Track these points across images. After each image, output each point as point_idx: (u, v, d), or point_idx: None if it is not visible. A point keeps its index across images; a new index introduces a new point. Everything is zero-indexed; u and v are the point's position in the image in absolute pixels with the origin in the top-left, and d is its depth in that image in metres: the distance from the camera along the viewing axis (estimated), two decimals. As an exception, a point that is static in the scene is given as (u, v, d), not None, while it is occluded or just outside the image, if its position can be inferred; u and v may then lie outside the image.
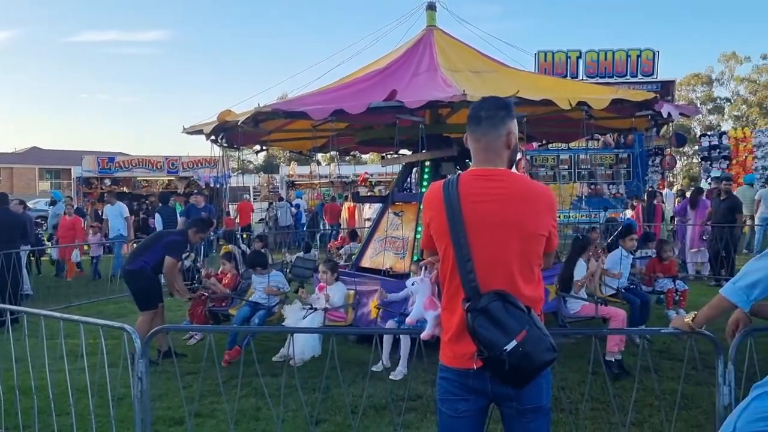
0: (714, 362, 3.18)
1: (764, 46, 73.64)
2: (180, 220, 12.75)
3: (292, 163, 26.41)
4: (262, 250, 8.51)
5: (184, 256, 10.96)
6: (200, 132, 7.09)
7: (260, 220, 20.66)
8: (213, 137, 7.43)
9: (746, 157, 19.32)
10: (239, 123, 6.21)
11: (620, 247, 7.30)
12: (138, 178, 21.43)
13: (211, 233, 12.16)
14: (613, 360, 5.78)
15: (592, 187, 18.31)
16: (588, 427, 4.68)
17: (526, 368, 2.26)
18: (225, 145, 8.25)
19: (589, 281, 6.58)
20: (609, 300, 7.07)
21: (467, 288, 2.36)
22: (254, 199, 24.69)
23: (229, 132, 7.22)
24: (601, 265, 6.93)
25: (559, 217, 15.20)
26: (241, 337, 6.46)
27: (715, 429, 2.86)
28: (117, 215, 13.43)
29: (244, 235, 14.16)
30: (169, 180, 21.49)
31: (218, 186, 18.76)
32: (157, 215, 13.38)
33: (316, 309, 6.43)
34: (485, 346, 2.25)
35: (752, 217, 13.04)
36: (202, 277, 7.84)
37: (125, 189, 20.58)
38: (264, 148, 9.68)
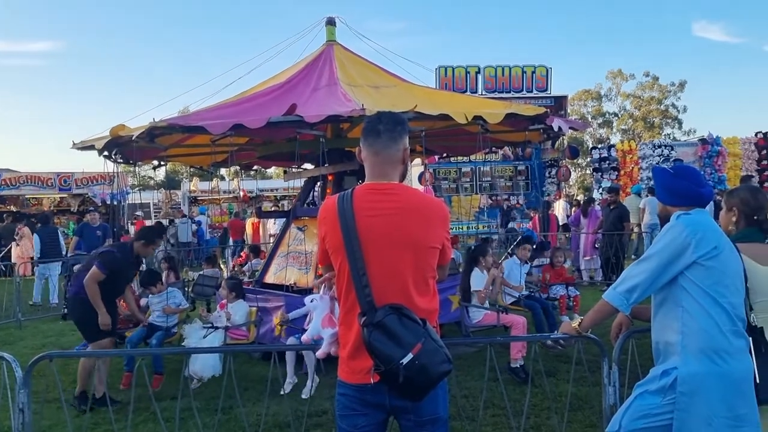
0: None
1: (647, 64, 78.69)
2: (73, 239, 12.13)
3: (195, 178, 25.73)
4: (167, 271, 8.22)
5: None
6: (92, 147, 6.79)
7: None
8: (106, 153, 7.13)
9: (633, 168, 20.48)
10: (133, 138, 6.00)
11: (514, 256, 7.58)
12: (27, 196, 20.25)
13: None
14: (518, 366, 5.96)
15: (493, 198, 18.92)
16: (490, 433, 4.79)
17: (423, 381, 2.28)
18: (120, 160, 7.94)
19: (490, 289, 6.75)
20: (510, 308, 7.32)
21: (363, 302, 2.37)
22: (155, 215, 23.86)
23: (123, 147, 6.96)
24: (499, 273, 7.14)
25: (462, 228, 15.59)
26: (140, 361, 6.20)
27: (604, 428, 3.00)
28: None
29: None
30: (61, 197, 20.44)
31: (115, 203, 18.00)
32: (35, 237, 12.11)
33: (217, 327, 6.27)
34: (381, 360, 2.26)
35: (639, 225, 13.83)
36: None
37: (12, 208, 19.40)
38: (162, 163, 9.39)
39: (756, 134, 21.27)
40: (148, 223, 20.04)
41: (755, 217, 3.09)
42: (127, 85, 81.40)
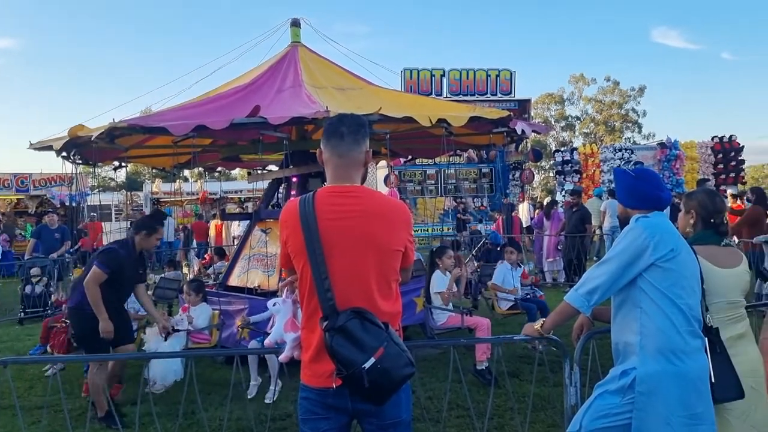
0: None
1: (608, 69, 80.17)
2: (30, 242, 11.82)
3: (157, 179, 25.33)
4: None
5: (35, 280, 10.22)
6: (49, 148, 6.63)
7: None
8: (64, 153, 6.97)
9: (595, 171, 20.84)
10: (93, 138, 5.87)
11: (504, 262, 7.70)
12: (-18, 198, 19.72)
13: (66, 255, 11.40)
14: (484, 368, 5.99)
15: (458, 200, 19.03)
16: (453, 434, 4.81)
17: (386, 384, 2.27)
18: (79, 161, 7.77)
19: (455, 290, 6.79)
20: (507, 313, 7.41)
21: (325, 306, 2.35)
22: (115, 218, 23.41)
23: (82, 148, 6.80)
24: (464, 272, 7.19)
25: (428, 230, 15.65)
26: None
27: (565, 428, 3.03)
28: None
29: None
30: (18, 199, 19.92)
31: (74, 205, 17.60)
32: None
33: (178, 331, 6.17)
34: (344, 364, 2.25)
35: (600, 227, 14.06)
36: (54, 303, 7.30)
37: (-33, 209, 18.88)
38: (123, 164, 9.22)
39: (712, 138, 21.83)
40: (107, 225, 19.72)
41: (712, 220, 3.16)
42: (88, 85, 79.84)
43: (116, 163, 8.99)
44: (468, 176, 19.96)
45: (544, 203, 16.69)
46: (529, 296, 7.72)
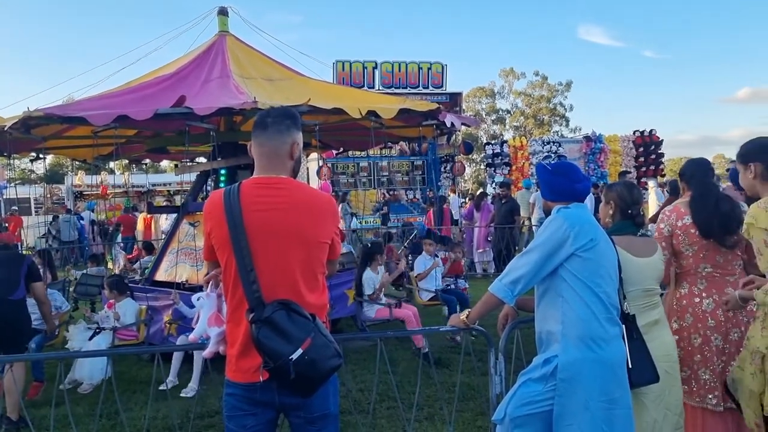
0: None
1: (537, 64, 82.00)
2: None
3: (80, 172, 24.36)
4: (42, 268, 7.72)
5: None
6: (-42, 138, 6.28)
7: (43, 235, 18.77)
8: (-25, 144, 6.61)
9: (524, 163, 21.29)
10: (6, 128, 5.60)
11: (424, 253, 7.76)
12: None
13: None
14: (427, 351, 6.02)
15: (391, 193, 19.10)
16: (384, 425, 4.83)
17: (313, 376, 2.26)
18: (-8, 152, 7.40)
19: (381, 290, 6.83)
20: (428, 303, 7.47)
21: (251, 298, 2.32)
22: (35, 211, 22.41)
23: (-5, 138, 6.47)
24: (402, 267, 7.26)
25: (360, 222, 15.65)
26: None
27: (492, 416, 3.08)
28: None
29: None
30: (-72, 192, 18.79)
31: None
32: None
33: (104, 328, 5.97)
34: (270, 356, 2.23)
35: (530, 218, 14.39)
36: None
37: None
38: (41, 156, 8.81)
39: (634, 132, 22.64)
40: (26, 219, 18.84)
41: (629, 211, 3.28)
42: (1, 71, 76.03)
43: (33, 155, 8.60)
44: (401, 168, 20.05)
45: (475, 195, 16.95)
46: (450, 287, 7.83)
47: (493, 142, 24.65)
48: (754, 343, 2.97)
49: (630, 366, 2.84)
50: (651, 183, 18.43)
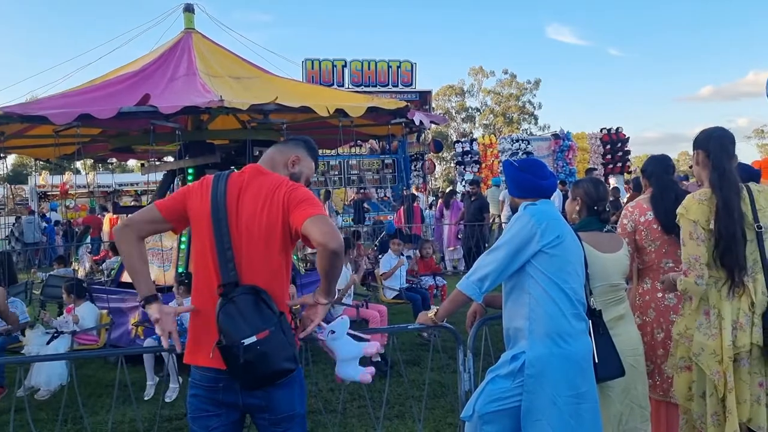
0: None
1: (506, 63, 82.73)
2: None
3: (44, 172, 23.86)
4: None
5: None
6: None
7: (6, 237, 18.35)
8: (-68, 143, 6.44)
9: (493, 161, 21.44)
10: (-36, 128, 5.46)
11: (390, 251, 7.76)
12: None
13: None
14: (378, 359, 6.02)
15: (362, 191, 19.09)
16: (355, 425, 4.82)
17: (261, 369, 2.25)
18: (-50, 152, 7.20)
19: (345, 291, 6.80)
20: (392, 302, 7.47)
21: (225, 276, 2.34)
22: (-2, 213, 21.90)
23: (-48, 137, 6.31)
24: (362, 264, 7.24)
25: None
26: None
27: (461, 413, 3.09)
28: None
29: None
30: None
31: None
32: None
33: (61, 333, 5.84)
34: (225, 334, 2.25)
35: (499, 216, 14.48)
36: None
37: None
38: (2, 155, 8.60)
39: (601, 130, 22.98)
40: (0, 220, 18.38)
41: (595, 208, 3.32)
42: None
43: (-7, 154, 8.38)
44: (371, 167, 20.04)
45: (445, 193, 17.02)
46: (414, 286, 7.85)
47: (462, 140, 24.78)
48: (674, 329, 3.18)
49: (596, 361, 2.86)
50: (612, 180, 18.72)
